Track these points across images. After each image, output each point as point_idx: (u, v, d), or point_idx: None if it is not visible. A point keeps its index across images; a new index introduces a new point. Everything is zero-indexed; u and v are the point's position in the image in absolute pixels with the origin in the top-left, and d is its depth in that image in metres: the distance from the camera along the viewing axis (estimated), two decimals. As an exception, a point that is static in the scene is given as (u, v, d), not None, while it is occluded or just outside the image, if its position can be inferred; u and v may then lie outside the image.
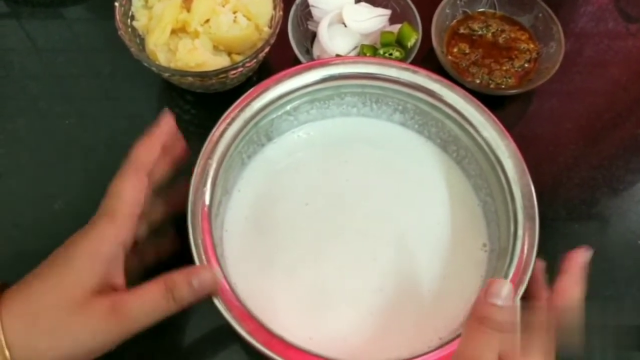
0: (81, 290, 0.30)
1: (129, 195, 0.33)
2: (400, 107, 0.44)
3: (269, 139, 0.43)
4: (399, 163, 0.44)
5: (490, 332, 0.29)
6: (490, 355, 0.29)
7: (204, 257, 0.34)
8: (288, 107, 0.42)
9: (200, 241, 0.34)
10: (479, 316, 0.30)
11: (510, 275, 0.35)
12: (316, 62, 0.41)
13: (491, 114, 0.40)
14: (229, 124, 0.38)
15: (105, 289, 0.31)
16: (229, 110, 0.39)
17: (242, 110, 0.39)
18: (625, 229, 0.47)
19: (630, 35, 0.58)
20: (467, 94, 0.41)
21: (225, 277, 0.34)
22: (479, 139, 0.40)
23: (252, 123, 0.39)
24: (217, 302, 0.33)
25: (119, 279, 0.32)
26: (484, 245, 0.40)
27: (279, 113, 0.42)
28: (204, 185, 0.36)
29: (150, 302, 0.31)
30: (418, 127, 0.44)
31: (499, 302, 0.30)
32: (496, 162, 0.39)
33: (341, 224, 0.41)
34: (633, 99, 0.54)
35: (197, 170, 0.36)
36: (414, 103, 0.43)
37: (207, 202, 0.36)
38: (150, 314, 0.31)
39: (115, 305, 0.30)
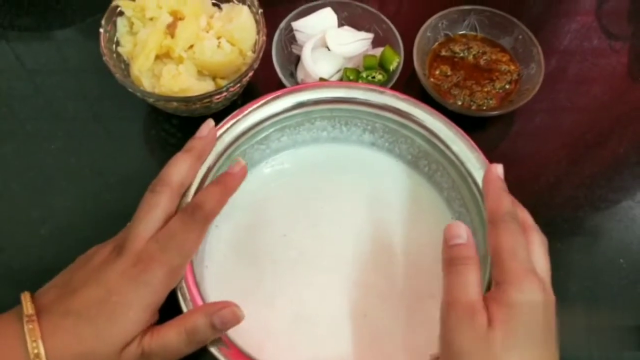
0: (125, 338, 0.32)
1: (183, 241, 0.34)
2: (369, 127, 0.45)
3: None
4: (372, 186, 0.45)
5: (464, 269, 0.31)
6: (475, 289, 0.31)
7: (187, 294, 0.34)
8: (259, 137, 0.43)
9: (182, 281, 0.35)
10: (449, 259, 0.32)
11: (487, 281, 0.35)
12: (284, 91, 0.42)
13: (459, 129, 0.41)
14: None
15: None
16: None
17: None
18: (608, 247, 0.47)
19: (614, 53, 0.59)
20: (433, 110, 0.42)
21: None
22: (448, 153, 0.41)
23: (225, 156, 0.40)
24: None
25: (155, 317, 0.34)
26: None
27: (251, 143, 0.42)
28: None
29: (172, 345, 0.33)
30: (388, 145, 0.45)
31: (461, 241, 0.32)
32: (467, 174, 0.40)
33: (318, 251, 0.41)
34: (615, 117, 0.54)
35: None
36: (382, 122, 0.43)
37: None
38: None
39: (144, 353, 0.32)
